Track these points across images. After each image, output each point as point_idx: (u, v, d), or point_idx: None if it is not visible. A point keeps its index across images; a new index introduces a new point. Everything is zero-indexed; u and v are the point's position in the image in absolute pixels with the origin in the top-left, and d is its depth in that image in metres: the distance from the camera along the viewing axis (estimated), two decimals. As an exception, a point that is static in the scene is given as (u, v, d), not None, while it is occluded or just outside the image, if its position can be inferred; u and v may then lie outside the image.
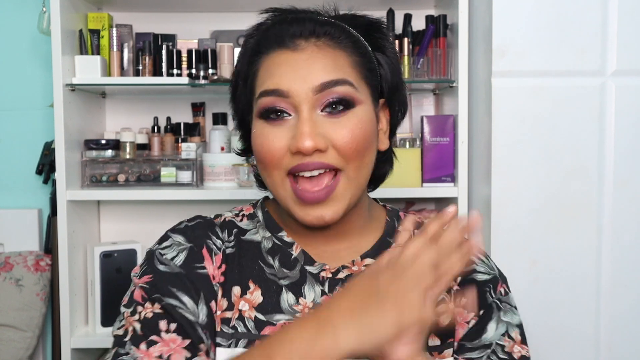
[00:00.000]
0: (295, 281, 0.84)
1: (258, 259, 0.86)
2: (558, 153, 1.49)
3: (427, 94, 1.92)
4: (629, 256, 1.50)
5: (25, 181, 1.97)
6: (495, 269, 0.91)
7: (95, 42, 1.78)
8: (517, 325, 0.88)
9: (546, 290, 1.51)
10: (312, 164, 0.77)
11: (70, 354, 1.70)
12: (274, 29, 0.82)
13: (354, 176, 0.79)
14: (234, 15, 1.92)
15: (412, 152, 1.69)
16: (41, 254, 1.90)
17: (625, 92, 1.48)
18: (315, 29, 0.80)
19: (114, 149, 1.76)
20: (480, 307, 0.86)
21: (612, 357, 1.51)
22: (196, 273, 0.82)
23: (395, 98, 0.88)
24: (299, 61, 0.79)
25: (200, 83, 1.78)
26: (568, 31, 1.48)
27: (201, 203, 1.89)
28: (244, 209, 0.93)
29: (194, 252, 0.84)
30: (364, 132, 0.79)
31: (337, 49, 0.81)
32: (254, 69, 0.83)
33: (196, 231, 0.87)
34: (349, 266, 0.86)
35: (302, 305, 0.83)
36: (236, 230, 0.89)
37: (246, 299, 0.83)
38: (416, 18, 1.79)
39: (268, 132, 0.79)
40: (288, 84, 0.78)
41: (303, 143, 0.75)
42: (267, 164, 0.80)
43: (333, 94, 0.78)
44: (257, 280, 0.84)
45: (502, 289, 0.89)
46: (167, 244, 0.85)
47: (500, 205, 1.51)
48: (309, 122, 0.77)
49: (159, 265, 0.83)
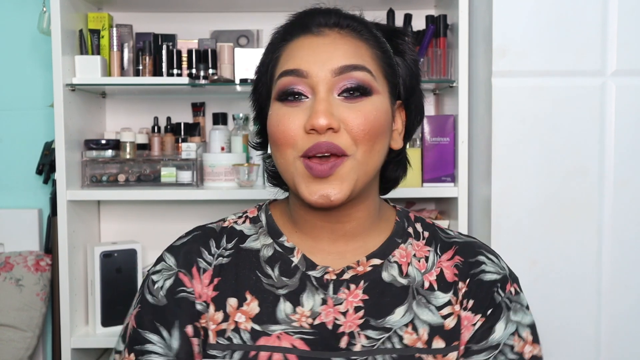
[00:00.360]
0: (294, 290, 0.84)
1: (256, 269, 0.86)
2: (558, 153, 1.49)
3: (428, 94, 1.92)
4: (629, 256, 1.50)
5: (26, 181, 1.97)
6: (505, 269, 0.90)
7: (95, 42, 1.78)
8: (528, 325, 0.86)
9: (546, 290, 1.51)
10: (324, 143, 0.77)
11: (70, 354, 1.70)
12: (299, 19, 0.84)
13: (361, 160, 0.79)
14: (234, 15, 1.91)
15: (412, 152, 1.69)
16: (41, 254, 1.90)
17: (626, 92, 1.48)
18: (340, 21, 0.82)
19: (114, 149, 1.76)
20: (487, 307, 0.85)
21: (613, 357, 1.51)
22: (176, 299, 0.85)
23: (412, 101, 0.88)
24: (321, 45, 0.80)
25: (200, 83, 1.78)
26: (568, 31, 1.48)
27: (201, 203, 1.89)
28: (248, 211, 0.94)
29: (178, 277, 0.87)
30: (378, 119, 0.80)
31: (359, 40, 0.82)
32: (276, 55, 0.84)
33: (188, 247, 0.89)
34: (353, 266, 0.85)
35: (299, 315, 0.83)
36: (237, 238, 0.89)
37: (243, 310, 0.84)
38: (416, 18, 1.79)
39: (284, 112, 0.80)
40: (308, 65, 0.79)
41: (317, 120, 0.76)
42: (281, 143, 0.80)
43: (351, 78, 0.79)
44: (254, 291, 0.84)
45: (512, 288, 0.88)
46: (159, 268, 0.88)
47: (500, 205, 1.51)
48: (325, 102, 0.78)
49: (147, 295, 0.87)
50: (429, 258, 0.88)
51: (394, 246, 0.87)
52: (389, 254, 0.87)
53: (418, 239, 0.89)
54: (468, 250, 0.89)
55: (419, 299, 0.84)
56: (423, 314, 0.84)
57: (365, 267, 0.85)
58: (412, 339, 0.82)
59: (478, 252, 0.89)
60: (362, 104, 0.79)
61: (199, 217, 1.88)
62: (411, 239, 0.89)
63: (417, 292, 0.85)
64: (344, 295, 0.83)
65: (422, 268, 0.87)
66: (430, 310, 0.84)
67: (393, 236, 0.88)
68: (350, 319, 0.82)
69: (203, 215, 1.90)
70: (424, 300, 0.84)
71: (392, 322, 0.83)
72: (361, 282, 0.84)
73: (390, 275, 0.85)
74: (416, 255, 0.88)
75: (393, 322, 0.83)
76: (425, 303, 0.84)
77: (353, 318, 0.82)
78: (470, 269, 0.87)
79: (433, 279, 0.86)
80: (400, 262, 0.86)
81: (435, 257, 0.88)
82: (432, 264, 0.87)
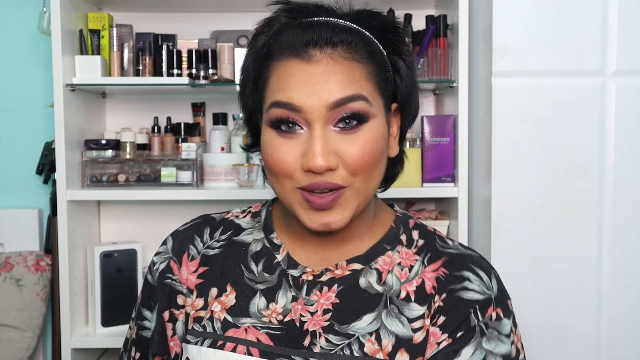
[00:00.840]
0: (272, 286, 0.85)
1: (241, 263, 0.88)
2: (558, 153, 1.49)
3: (428, 94, 1.92)
4: (629, 256, 1.50)
5: (26, 181, 1.97)
6: (492, 289, 0.83)
7: (95, 42, 1.78)
8: (501, 356, 0.80)
9: (546, 290, 1.51)
10: (322, 183, 0.76)
11: (71, 354, 1.70)
12: (287, 34, 0.79)
13: (360, 187, 0.78)
14: (234, 15, 1.92)
15: (412, 152, 1.69)
16: (41, 254, 1.90)
17: (626, 92, 1.48)
18: (332, 38, 0.77)
19: (114, 149, 1.76)
20: (458, 328, 0.80)
21: (613, 357, 1.51)
22: (162, 284, 0.92)
23: (408, 103, 0.85)
24: (313, 75, 0.76)
25: (200, 83, 1.78)
26: (568, 31, 1.47)
27: (201, 203, 1.89)
28: (253, 205, 0.96)
29: (169, 263, 0.92)
30: (375, 147, 0.78)
31: (353, 61, 0.78)
32: (265, 74, 0.80)
33: (186, 234, 0.94)
34: (332, 269, 0.84)
35: (271, 311, 0.84)
36: (232, 230, 0.92)
37: (220, 300, 0.86)
38: (416, 18, 1.79)
39: (279, 144, 0.78)
40: (301, 99, 0.76)
41: (315, 162, 0.74)
42: (278, 174, 0.79)
43: (347, 109, 0.76)
44: (234, 284, 0.87)
45: (494, 313, 0.81)
46: (161, 250, 0.95)
47: (500, 205, 1.51)
48: (322, 141, 0.75)
49: (148, 275, 0.95)
50: (414, 267, 0.84)
51: (379, 252, 0.85)
52: (372, 260, 0.85)
53: (409, 247, 0.86)
54: (457, 263, 0.84)
55: (391, 309, 0.81)
56: (392, 324, 0.81)
57: (344, 270, 0.84)
58: (373, 349, 0.79)
59: (466, 267, 0.83)
60: (359, 134, 0.77)
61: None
62: (400, 246, 0.86)
63: (390, 301, 0.82)
64: (315, 297, 0.83)
65: (402, 277, 0.83)
66: (401, 321, 0.81)
67: (382, 242, 0.86)
68: (317, 318, 0.82)
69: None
70: (396, 310, 0.81)
71: (356, 329, 0.80)
72: (335, 285, 0.83)
73: (367, 282, 0.83)
74: (401, 263, 0.84)
75: (357, 328, 0.81)
76: (396, 314, 0.81)
77: (319, 319, 0.82)
78: (450, 284, 0.82)
79: (412, 289, 0.82)
80: (382, 270, 0.84)
81: (420, 267, 0.84)
82: (414, 274, 0.83)
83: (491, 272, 0.85)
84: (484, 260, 0.86)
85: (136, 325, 0.96)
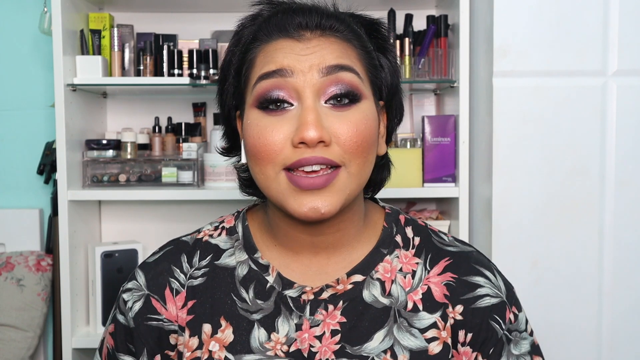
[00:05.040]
0: (269, 314, 0.78)
1: (231, 292, 0.80)
2: (559, 153, 1.49)
3: (428, 94, 1.92)
4: (630, 256, 1.50)
5: (27, 181, 1.97)
6: (502, 289, 0.82)
7: (96, 42, 1.78)
8: (528, 353, 0.81)
9: (548, 291, 1.51)
10: (313, 158, 0.71)
11: (72, 353, 1.70)
12: (276, 17, 0.76)
13: (355, 172, 0.74)
14: (235, 15, 1.88)
15: (413, 152, 1.69)
16: (42, 254, 1.90)
17: (627, 92, 1.48)
18: (322, 22, 0.75)
19: (115, 149, 1.76)
20: (488, 343, 0.80)
21: (614, 357, 1.51)
22: (145, 326, 0.82)
23: (393, 102, 0.83)
24: (304, 49, 0.73)
25: (201, 83, 1.78)
26: (569, 31, 1.47)
27: (202, 203, 1.89)
28: (225, 220, 0.88)
29: (149, 301, 0.82)
30: (369, 128, 0.74)
31: (344, 40, 0.76)
32: (249, 57, 0.77)
33: (160, 267, 0.84)
34: (333, 285, 0.79)
35: (274, 342, 0.78)
36: (212, 254, 0.84)
37: (217, 338, 0.79)
38: (417, 18, 1.79)
39: (266, 123, 0.73)
40: (292, 63, 0.72)
41: (308, 133, 0.69)
42: (263, 157, 0.72)
43: (340, 80, 0.73)
44: (228, 317, 0.79)
45: (511, 315, 0.81)
46: (130, 286, 0.84)
47: (501, 206, 1.51)
48: (314, 112, 0.71)
49: (119, 314, 0.84)
50: (417, 273, 0.81)
51: (378, 259, 0.81)
52: (372, 269, 0.80)
53: (407, 248, 0.83)
54: (462, 265, 0.82)
55: (401, 322, 0.78)
56: (404, 339, 0.78)
57: (345, 285, 0.79)
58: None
59: (473, 270, 0.82)
60: (351, 112, 0.73)
61: (200, 217, 1.89)
62: (398, 249, 0.82)
63: (399, 314, 0.79)
64: (321, 316, 0.78)
65: (407, 286, 0.80)
66: (413, 334, 0.78)
67: (378, 246, 0.82)
68: (326, 343, 0.77)
69: (204, 215, 1.90)
70: (405, 323, 0.78)
71: (370, 350, 0.77)
72: (340, 302, 0.79)
73: (371, 295, 0.79)
74: (402, 269, 0.81)
75: (371, 349, 0.77)
76: (407, 327, 0.78)
77: (329, 343, 0.77)
78: (464, 293, 0.80)
79: (418, 298, 0.80)
80: (384, 279, 0.80)
81: (423, 272, 0.81)
82: (418, 281, 0.81)
83: (492, 267, 0.84)
84: (482, 256, 0.86)
85: None
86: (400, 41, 1.73)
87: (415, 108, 1.90)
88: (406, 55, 1.72)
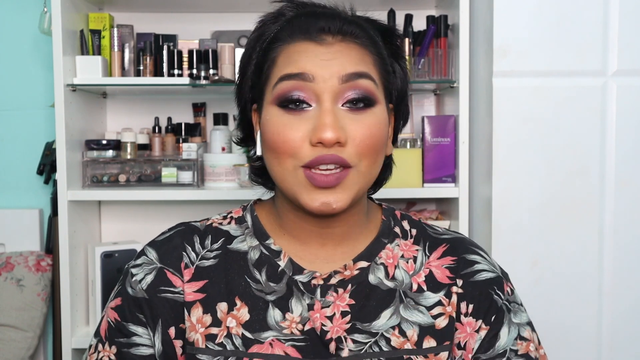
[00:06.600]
0: (282, 295, 0.83)
1: (244, 274, 0.84)
2: (559, 153, 1.49)
3: (428, 94, 1.92)
4: (630, 256, 1.50)
5: (26, 181, 1.97)
6: (497, 267, 0.90)
7: (96, 42, 1.78)
8: (527, 323, 0.87)
9: (548, 291, 1.51)
10: (329, 156, 0.76)
11: (71, 354, 1.70)
12: (299, 20, 0.81)
13: (365, 172, 0.79)
14: (235, 15, 1.92)
15: (413, 153, 1.69)
16: (42, 254, 1.90)
17: (627, 92, 1.48)
18: (343, 28, 0.79)
19: (115, 149, 1.76)
20: (489, 312, 0.86)
21: (614, 357, 1.51)
22: (159, 298, 0.84)
23: (401, 107, 0.88)
24: (325, 53, 0.78)
25: (201, 83, 1.78)
26: (569, 31, 1.47)
27: (202, 203, 1.89)
28: (232, 211, 0.92)
29: (162, 274, 0.85)
30: (381, 131, 0.79)
31: (362, 47, 0.80)
32: (271, 55, 0.81)
33: (173, 242, 0.87)
34: (340, 271, 0.84)
35: (289, 321, 0.82)
36: (223, 238, 0.88)
37: (233, 315, 0.83)
38: (417, 18, 1.79)
39: (285, 121, 0.78)
40: (314, 69, 0.77)
41: (325, 134, 0.75)
42: (282, 152, 0.77)
43: (357, 87, 0.78)
44: (243, 297, 0.83)
45: (508, 288, 0.88)
46: (140, 261, 0.87)
47: (501, 206, 1.51)
48: (332, 114, 0.76)
49: (128, 287, 0.86)
50: (417, 258, 0.87)
51: (380, 247, 0.87)
52: (376, 255, 0.86)
53: (406, 238, 0.89)
54: (458, 247, 0.89)
55: (407, 302, 0.84)
56: (412, 315, 0.84)
57: (352, 270, 0.85)
58: (400, 342, 0.82)
59: (469, 250, 0.89)
60: (366, 116, 0.78)
61: (200, 218, 1.88)
62: (398, 239, 0.88)
63: (404, 295, 0.85)
64: (332, 298, 0.83)
65: (410, 270, 0.86)
66: (420, 311, 0.84)
67: (379, 236, 0.88)
68: (337, 323, 0.82)
69: (204, 215, 1.88)
70: (412, 302, 0.84)
71: (379, 326, 0.83)
72: (348, 285, 0.84)
73: (377, 278, 0.85)
74: (404, 255, 0.87)
75: (379, 326, 0.83)
76: (414, 305, 0.84)
77: (340, 323, 0.82)
78: (463, 268, 0.87)
79: (422, 280, 0.86)
80: (387, 264, 0.86)
81: (423, 257, 0.88)
82: (420, 265, 0.87)
83: (485, 251, 0.91)
84: (474, 242, 0.93)
85: (116, 345, 0.84)
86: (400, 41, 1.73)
87: (415, 108, 1.90)
88: (406, 55, 1.72)
